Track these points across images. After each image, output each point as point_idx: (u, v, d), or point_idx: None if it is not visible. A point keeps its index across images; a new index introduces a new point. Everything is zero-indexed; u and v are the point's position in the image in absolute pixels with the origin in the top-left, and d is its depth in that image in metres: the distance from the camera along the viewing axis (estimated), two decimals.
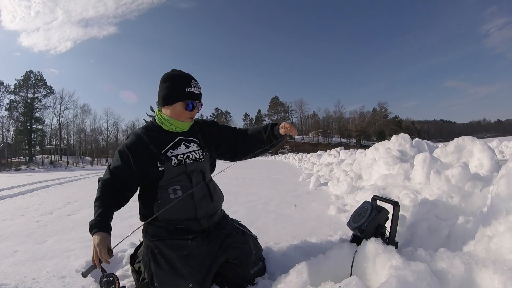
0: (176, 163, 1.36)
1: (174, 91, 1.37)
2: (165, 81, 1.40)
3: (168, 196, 1.33)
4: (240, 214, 2.82)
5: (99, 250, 1.17)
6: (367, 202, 1.43)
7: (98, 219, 1.25)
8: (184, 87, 1.36)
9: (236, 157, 1.59)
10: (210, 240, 1.34)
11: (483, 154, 2.50)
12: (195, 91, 1.39)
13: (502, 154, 8.56)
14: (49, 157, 38.77)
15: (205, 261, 1.28)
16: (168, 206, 1.29)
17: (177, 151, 1.40)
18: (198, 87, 1.41)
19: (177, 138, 1.42)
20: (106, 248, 1.18)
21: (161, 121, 1.41)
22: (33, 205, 4.10)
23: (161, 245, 1.29)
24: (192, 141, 1.46)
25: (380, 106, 76.36)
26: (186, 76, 1.40)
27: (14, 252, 1.92)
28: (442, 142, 25.45)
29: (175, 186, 1.35)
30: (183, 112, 1.39)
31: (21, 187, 7.02)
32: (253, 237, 1.50)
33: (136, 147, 1.36)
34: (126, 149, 1.35)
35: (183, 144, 1.43)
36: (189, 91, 1.37)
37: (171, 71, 1.44)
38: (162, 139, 1.40)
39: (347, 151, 10.34)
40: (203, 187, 1.40)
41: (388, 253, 1.06)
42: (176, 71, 1.43)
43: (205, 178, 1.43)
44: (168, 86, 1.38)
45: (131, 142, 1.38)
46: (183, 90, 1.36)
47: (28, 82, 40.19)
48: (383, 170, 3.47)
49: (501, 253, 1.06)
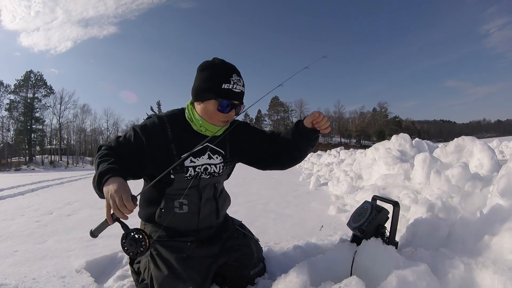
0: (192, 175, 1.21)
1: (208, 85, 1.14)
2: (202, 70, 1.18)
3: (173, 209, 1.22)
4: (240, 214, 2.82)
5: (120, 197, 0.90)
6: (367, 202, 1.43)
7: (109, 166, 1.01)
8: (221, 82, 1.12)
9: (269, 167, 1.40)
10: (210, 243, 1.30)
11: (483, 154, 2.50)
12: (235, 88, 1.14)
13: (502, 154, 8.56)
14: (49, 157, 38.75)
15: (205, 263, 1.24)
16: (170, 218, 1.21)
17: (197, 162, 1.22)
18: (240, 84, 1.16)
19: (204, 144, 1.21)
20: (129, 193, 0.93)
21: (191, 118, 1.20)
22: (33, 205, 4.09)
23: (159, 247, 1.23)
24: (218, 152, 1.28)
25: (380, 106, 76.36)
26: (227, 68, 1.16)
27: (14, 252, 1.92)
28: (442, 142, 25.45)
29: (183, 201, 1.22)
30: (215, 113, 1.16)
31: (21, 187, 7.01)
32: (254, 240, 1.46)
33: (156, 137, 1.17)
34: (143, 133, 1.17)
35: (208, 154, 1.25)
36: (226, 87, 1.12)
37: (212, 60, 1.20)
38: (187, 142, 1.19)
39: (347, 151, 10.35)
40: (211, 203, 1.29)
41: (388, 253, 1.06)
42: (217, 60, 1.19)
43: (216, 193, 1.30)
44: (203, 78, 1.16)
45: (152, 128, 1.18)
46: (219, 85, 1.12)
47: (28, 82, 40.16)
48: (383, 170, 3.47)
49: (501, 253, 1.06)
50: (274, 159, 1.37)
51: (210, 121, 1.18)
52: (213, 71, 1.15)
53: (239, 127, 1.34)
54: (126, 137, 1.19)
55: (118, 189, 0.93)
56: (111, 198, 0.92)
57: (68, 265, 1.64)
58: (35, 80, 40.80)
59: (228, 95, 1.13)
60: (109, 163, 1.04)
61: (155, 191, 1.25)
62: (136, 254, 0.92)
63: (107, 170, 1.00)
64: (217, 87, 1.12)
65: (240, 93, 1.17)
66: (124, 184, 0.97)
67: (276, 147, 1.34)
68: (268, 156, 1.37)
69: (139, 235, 0.91)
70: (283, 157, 1.35)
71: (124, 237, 0.92)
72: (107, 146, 1.17)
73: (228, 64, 1.17)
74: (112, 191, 0.93)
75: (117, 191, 0.92)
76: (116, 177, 0.98)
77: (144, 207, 1.33)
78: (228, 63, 1.18)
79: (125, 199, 0.91)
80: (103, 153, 1.13)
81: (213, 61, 1.19)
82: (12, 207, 4.02)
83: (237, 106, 1.18)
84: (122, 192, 0.92)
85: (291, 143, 1.30)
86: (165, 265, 1.19)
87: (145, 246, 0.91)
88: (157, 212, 1.23)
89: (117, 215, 0.92)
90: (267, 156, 1.37)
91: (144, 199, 1.33)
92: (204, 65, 1.19)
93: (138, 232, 0.92)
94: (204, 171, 1.24)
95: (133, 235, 0.91)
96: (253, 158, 1.39)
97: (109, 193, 0.93)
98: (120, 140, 1.19)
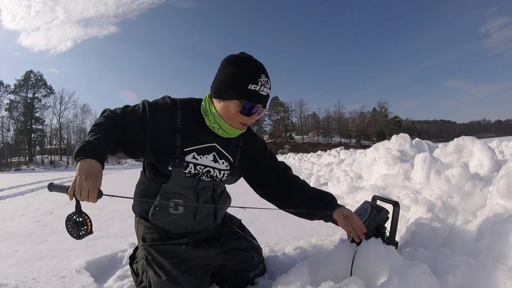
0: (191, 173, 1.14)
1: (233, 83, 1.03)
2: (227, 64, 1.06)
3: (167, 209, 1.16)
4: (240, 214, 2.81)
5: (87, 187, 0.86)
6: (367, 202, 1.43)
7: (95, 143, 0.95)
8: (248, 82, 1.01)
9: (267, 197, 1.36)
10: (206, 244, 1.25)
11: (483, 154, 2.50)
12: (262, 91, 1.03)
13: (502, 154, 8.56)
14: (49, 157, 38.76)
15: (201, 265, 1.21)
16: (164, 220, 1.15)
17: (200, 160, 1.14)
18: (267, 86, 1.05)
19: (212, 143, 1.15)
20: (96, 187, 0.88)
21: (206, 111, 1.11)
22: (33, 205, 4.09)
23: (153, 251, 1.18)
24: (225, 157, 1.19)
25: (380, 106, 76.43)
26: (255, 67, 1.05)
27: (14, 252, 1.92)
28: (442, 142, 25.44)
29: (178, 201, 1.15)
30: (237, 115, 1.06)
31: (21, 187, 7.01)
32: (254, 243, 1.42)
33: (164, 121, 1.09)
34: (151, 112, 1.08)
35: (213, 155, 1.16)
36: (253, 88, 1.02)
37: (239, 54, 1.09)
38: (194, 134, 1.12)
39: (347, 151, 10.34)
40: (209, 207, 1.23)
41: (388, 253, 1.06)
42: (245, 55, 1.08)
43: (214, 195, 1.22)
44: (228, 74, 1.04)
45: (163, 110, 1.10)
46: (245, 85, 1.01)
47: (28, 82, 40.17)
48: (383, 170, 3.47)
49: (501, 253, 1.06)
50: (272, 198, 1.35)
51: (228, 121, 1.08)
52: (240, 68, 1.03)
53: (256, 141, 1.27)
54: (134, 109, 1.11)
55: (89, 177, 0.87)
56: (78, 182, 0.87)
57: (68, 265, 1.63)
58: (35, 80, 40.81)
59: (254, 97, 1.03)
60: (98, 137, 0.97)
61: (151, 186, 1.19)
62: (78, 237, 0.91)
63: (91, 147, 0.94)
64: (243, 87, 1.02)
65: (266, 96, 1.07)
66: (97, 173, 0.90)
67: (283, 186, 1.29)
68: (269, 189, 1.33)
69: (81, 218, 0.89)
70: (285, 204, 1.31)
71: (68, 218, 0.91)
72: (111, 113, 1.09)
73: (256, 62, 1.07)
74: (82, 176, 0.87)
75: (87, 179, 0.87)
76: (94, 160, 0.91)
77: (138, 202, 1.27)
78: (257, 61, 1.07)
79: (91, 193, 0.87)
80: (102, 120, 1.06)
81: (240, 56, 1.08)
82: (12, 207, 4.01)
83: (260, 110, 1.08)
84: (91, 183, 0.87)
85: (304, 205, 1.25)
86: (162, 270, 1.16)
87: (86, 229, 0.90)
88: (151, 209, 1.17)
89: (76, 196, 0.89)
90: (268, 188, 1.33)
91: (139, 193, 1.26)
92: (230, 59, 1.07)
93: (80, 215, 0.90)
94: (206, 174, 1.17)
95: (75, 218, 0.90)
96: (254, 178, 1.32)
97: (79, 176, 0.88)
98: (127, 111, 1.11)
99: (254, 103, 1.04)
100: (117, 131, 1.06)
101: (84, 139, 0.98)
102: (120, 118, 1.09)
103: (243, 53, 1.10)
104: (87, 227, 0.90)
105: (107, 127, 1.04)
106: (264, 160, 1.30)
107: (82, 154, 0.92)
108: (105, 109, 1.14)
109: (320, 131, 76.72)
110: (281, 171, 1.33)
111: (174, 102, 1.13)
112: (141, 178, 1.29)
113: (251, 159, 1.27)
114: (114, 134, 1.05)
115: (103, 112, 1.13)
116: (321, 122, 77.97)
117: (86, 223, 0.90)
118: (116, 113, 1.11)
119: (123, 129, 1.08)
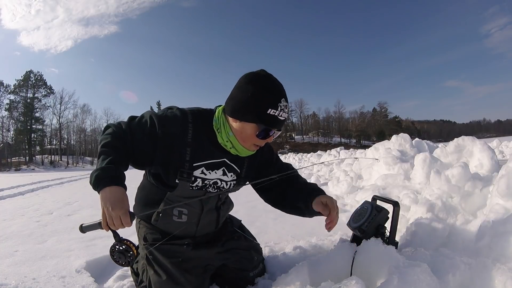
0: (198, 186, 1.13)
1: (253, 106, 0.99)
2: (247, 83, 1.02)
3: (171, 216, 1.17)
4: (240, 214, 2.81)
5: (117, 215, 0.85)
6: (367, 202, 1.42)
7: (109, 168, 0.91)
8: (268, 106, 0.98)
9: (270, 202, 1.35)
10: (207, 244, 1.26)
11: (483, 154, 2.49)
12: (280, 116, 1.00)
13: (502, 154, 8.55)
14: (49, 157, 38.79)
15: (201, 265, 1.21)
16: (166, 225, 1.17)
17: (209, 175, 1.13)
18: (286, 111, 1.02)
19: (221, 158, 1.13)
20: (127, 211, 0.87)
21: (219, 128, 1.08)
22: (33, 205, 4.09)
23: (154, 251, 1.18)
24: (233, 170, 1.19)
25: (380, 106, 76.46)
26: (277, 90, 1.01)
27: (14, 252, 1.92)
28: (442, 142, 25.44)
29: (183, 210, 1.16)
30: (252, 137, 1.04)
31: (21, 187, 7.01)
32: (254, 243, 1.42)
33: (174, 136, 1.05)
34: (161, 126, 1.04)
35: (222, 170, 1.15)
36: (272, 113, 0.98)
37: (261, 73, 1.03)
38: (205, 150, 1.10)
39: (347, 151, 10.34)
40: (212, 214, 1.23)
41: (388, 253, 1.06)
42: (265, 74, 1.03)
43: (218, 202, 1.24)
44: (247, 94, 0.99)
45: (173, 124, 1.06)
46: (264, 109, 0.98)
47: (28, 82, 40.24)
48: (383, 170, 3.47)
49: (501, 253, 1.06)
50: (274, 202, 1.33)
51: (242, 142, 1.06)
52: (261, 90, 0.99)
53: (263, 149, 1.24)
54: (141, 122, 1.07)
55: (116, 204, 0.86)
56: (107, 213, 0.86)
57: (68, 265, 1.63)
58: (35, 80, 40.89)
59: (272, 122, 1.00)
60: (111, 160, 0.94)
61: (156, 193, 1.18)
62: (128, 264, 0.93)
63: (106, 173, 0.91)
64: (262, 111, 0.98)
65: (283, 121, 1.04)
66: (123, 198, 0.89)
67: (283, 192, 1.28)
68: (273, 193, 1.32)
69: (124, 246, 0.90)
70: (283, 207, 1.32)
71: (112, 250, 0.92)
72: (116, 129, 1.05)
73: (277, 84, 1.03)
74: (109, 205, 0.86)
75: (115, 208, 0.86)
76: (115, 186, 0.89)
77: (141, 206, 1.26)
78: (277, 82, 1.04)
79: (123, 218, 0.86)
80: (108, 139, 1.01)
81: (261, 75, 1.03)
82: (12, 207, 4.01)
83: (275, 133, 1.06)
84: (120, 209, 0.86)
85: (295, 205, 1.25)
86: (162, 270, 1.16)
87: (133, 254, 0.91)
88: (154, 215, 1.18)
89: (111, 227, 0.89)
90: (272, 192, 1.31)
91: (142, 197, 1.26)
92: (251, 78, 1.02)
93: (122, 243, 0.90)
94: (213, 185, 1.16)
95: (118, 248, 0.91)
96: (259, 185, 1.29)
97: (106, 206, 0.87)
98: (133, 124, 1.07)
99: (272, 128, 1.03)
100: (126, 147, 1.03)
101: (97, 166, 0.96)
102: (127, 134, 1.05)
103: (264, 71, 1.05)
104: (133, 251, 0.91)
105: (116, 146, 1.01)
106: (271, 165, 1.29)
107: (101, 184, 0.89)
108: (108, 124, 1.11)
109: (320, 131, 76.78)
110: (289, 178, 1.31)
111: (184, 115, 1.09)
112: (144, 182, 1.28)
113: (257, 166, 1.26)
114: (123, 152, 1.02)
115: (107, 128, 1.09)
116: (321, 122, 78.03)
117: (130, 248, 0.90)
118: (122, 128, 1.06)
119: (131, 144, 1.04)
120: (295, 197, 1.25)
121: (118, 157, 0.98)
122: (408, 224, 1.55)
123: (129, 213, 0.88)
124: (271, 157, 1.30)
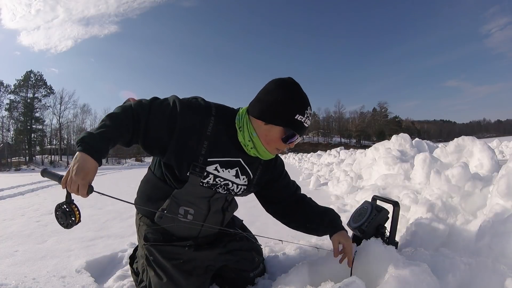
0: (209, 184, 1.12)
1: (282, 111, 1.02)
2: (277, 88, 1.05)
3: (176, 215, 1.13)
4: (240, 214, 2.80)
5: (77, 182, 0.86)
6: (367, 202, 1.43)
7: (97, 137, 0.92)
8: (296, 112, 1.02)
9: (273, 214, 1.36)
10: (208, 246, 1.24)
11: (483, 154, 2.50)
12: (306, 122, 1.05)
13: (502, 154, 8.54)
14: (49, 157, 38.78)
15: (202, 266, 1.20)
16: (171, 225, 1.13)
17: (222, 173, 1.11)
18: (310, 118, 1.08)
19: (237, 158, 1.12)
20: (87, 183, 0.88)
21: (241, 127, 1.08)
22: (33, 205, 4.09)
23: (155, 252, 1.16)
24: (247, 173, 1.18)
25: (380, 106, 76.46)
26: (304, 98, 1.06)
27: (14, 252, 1.92)
28: (442, 142, 25.44)
29: (189, 210, 1.14)
30: (277, 141, 1.05)
31: (21, 187, 7.01)
32: (256, 244, 1.42)
33: (194, 126, 1.04)
34: (182, 114, 1.02)
35: (236, 170, 1.14)
36: (299, 119, 1.03)
37: (290, 80, 1.07)
38: (222, 146, 1.09)
39: (347, 151, 10.35)
40: (218, 215, 1.22)
41: (388, 253, 1.06)
42: (294, 81, 1.08)
43: (225, 204, 1.23)
44: (277, 99, 1.02)
45: (196, 113, 1.05)
46: (293, 115, 1.02)
47: (28, 82, 40.15)
48: (383, 170, 3.47)
49: (502, 253, 1.06)
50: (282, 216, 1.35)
51: (265, 144, 1.07)
52: (291, 96, 1.03)
53: (276, 161, 1.27)
54: (163, 105, 1.05)
55: (81, 172, 0.86)
56: (70, 173, 0.87)
57: (68, 265, 1.63)
58: (35, 80, 40.80)
59: (298, 127, 1.04)
60: (103, 132, 0.94)
61: (161, 187, 1.16)
62: (67, 226, 0.92)
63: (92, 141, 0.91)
64: (290, 116, 1.02)
65: (307, 128, 1.09)
66: (89, 171, 0.88)
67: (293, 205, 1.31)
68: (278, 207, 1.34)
69: (69, 208, 0.89)
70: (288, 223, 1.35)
71: (58, 207, 0.91)
72: (134, 105, 1.03)
73: (304, 93, 1.08)
74: (75, 169, 0.87)
75: (78, 175, 0.86)
76: (89, 157, 0.89)
77: (144, 200, 1.23)
78: (303, 91, 1.09)
79: (81, 187, 0.87)
80: (118, 111, 1.00)
81: (290, 81, 1.07)
82: (12, 207, 4.02)
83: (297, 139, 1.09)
84: (81, 179, 0.86)
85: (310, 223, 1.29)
86: (163, 271, 1.15)
87: (74, 220, 0.90)
88: (158, 213, 1.15)
89: (67, 187, 0.89)
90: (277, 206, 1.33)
91: (145, 191, 1.23)
92: (281, 84, 1.05)
93: (69, 205, 0.90)
94: (224, 186, 1.15)
95: (64, 208, 0.90)
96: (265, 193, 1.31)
97: (73, 167, 0.88)
98: (154, 105, 1.04)
99: (297, 133, 1.06)
100: (134, 124, 1.01)
101: (92, 129, 0.96)
102: (145, 111, 1.02)
103: (292, 79, 1.08)
104: (75, 217, 0.90)
105: (119, 121, 0.99)
106: (280, 179, 1.30)
107: (81, 146, 0.90)
108: (129, 98, 1.09)
109: (320, 131, 76.76)
110: (292, 191, 1.34)
111: (208, 107, 1.09)
112: (148, 175, 1.25)
113: (268, 177, 1.26)
114: (125, 129, 0.99)
115: (126, 101, 1.07)
116: (321, 122, 77.94)
117: (74, 213, 0.90)
118: (141, 105, 1.03)
119: (145, 124, 1.02)
120: (309, 220, 1.29)
121: (114, 132, 0.97)
122: (408, 224, 1.55)
123: (88, 186, 0.89)
124: (282, 171, 1.31)
